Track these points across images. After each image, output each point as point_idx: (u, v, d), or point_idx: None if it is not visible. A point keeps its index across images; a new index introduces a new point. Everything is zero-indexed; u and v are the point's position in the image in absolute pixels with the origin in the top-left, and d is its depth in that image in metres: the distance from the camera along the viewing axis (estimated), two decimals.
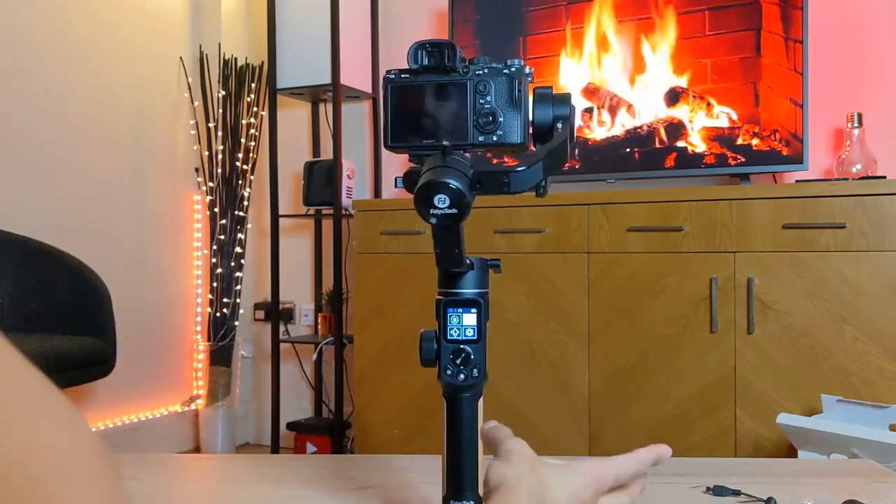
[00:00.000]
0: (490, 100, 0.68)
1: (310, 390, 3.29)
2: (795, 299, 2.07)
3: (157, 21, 3.16)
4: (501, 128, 0.67)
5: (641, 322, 2.23)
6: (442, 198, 0.61)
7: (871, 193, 2.01)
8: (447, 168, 0.63)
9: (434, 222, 0.62)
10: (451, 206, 0.61)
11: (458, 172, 0.62)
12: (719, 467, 1.07)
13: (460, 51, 0.69)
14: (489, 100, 0.68)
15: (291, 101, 3.21)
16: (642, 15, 2.49)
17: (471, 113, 0.68)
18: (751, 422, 2.10)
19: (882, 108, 2.44)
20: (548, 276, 2.34)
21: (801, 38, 2.26)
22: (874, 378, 1.99)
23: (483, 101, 0.68)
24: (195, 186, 3.32)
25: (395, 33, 3.14)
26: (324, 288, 3.21)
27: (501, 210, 2.40)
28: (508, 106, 0.68)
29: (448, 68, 0.68)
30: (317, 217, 3.14)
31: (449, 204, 0.61)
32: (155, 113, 3.15)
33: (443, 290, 0.73)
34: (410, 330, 2.49)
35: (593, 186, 2.54)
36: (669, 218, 2.21)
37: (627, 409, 2.24)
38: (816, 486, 0.93)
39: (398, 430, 2.54)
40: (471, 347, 0.71)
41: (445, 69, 0.68)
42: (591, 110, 2.57)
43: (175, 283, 3.23)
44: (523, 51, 2.66)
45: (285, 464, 1.08)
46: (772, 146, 2.32)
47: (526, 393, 2.35)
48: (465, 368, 0.71)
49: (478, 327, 0.71)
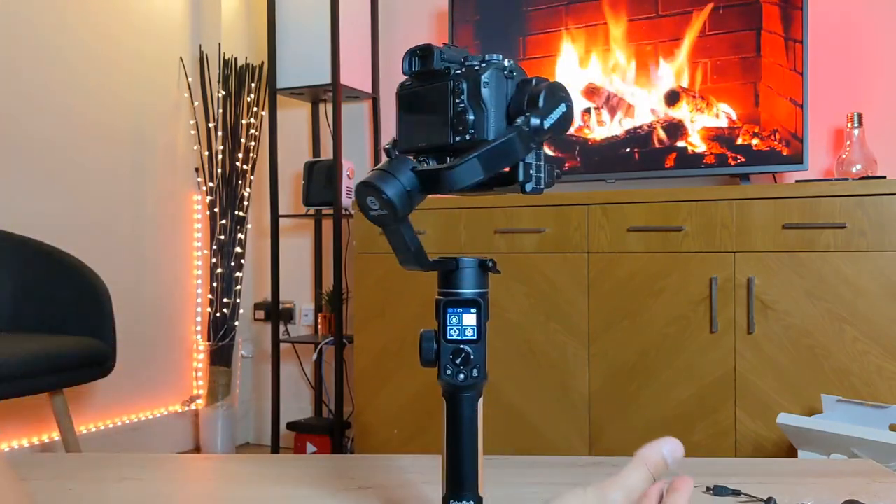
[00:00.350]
0: (464, 98, 0.68)
1: (310, 390, 3.29)
2: (795, 299, 2.07)
3: (157, 21, 3.16)
4: (473, 126, 0.67)
5: (641, 322, 2.23)
6: (372, 199, 0.66)
7: (871, 193, 2.01)
8: (382, 171, 0.66)
9: (371, 219, 0.67)
10: (381, 208, 0.66)
11: (391, 176, 0.66)
12: (719, 467, 1.07)
13: (447, 52, 0.69)
14: (463, 98, 0.68)
15: (291, 101, 3.21)
16: (642, 15, 2.49)
17: (449, 113, 0.68)
18: (751, 422, 2.10)
19: (882, 108, 2.44)
20: (548, 276, 2.34)
21: (801, 38, 2.26)
22: (874, 378, 1.99)
23: (458, 101, 0.68)
24: (195, 186, 3.32)
25: (395, 33, 3.14)
26: (324, 288, 3.21)
27: (501, 210, 2.40)
28: (476, 103, 0.68)
29: (432, 72, 0.69)
30: (317, 217, 3.15)
31: (379, 206, 0.66)
32: (155, 113, 3.15)
33: (442, 290, 0.73)
34: (410, 330, 2.49)
35: (593, 186, 2.54)
36: (669, 218, 2.21)
37: (627, 409, 2.24)
38: (816, 486, 0.93)
39: (398, 430, 2.54)
40: (471, 347, 0.71)
41: (432, 73, 0.69)
42: (591, 110, 2.57)
43: (175, 283, 3.24)
44: (523, 51, 2.66)
45: (285, 464, 1.08)
46: (772, 146, 2.32)
47: (526, 393, 2.35)
48: (465, 368, 0.71)
49: (478, 327, 0.71)
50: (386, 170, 0.66)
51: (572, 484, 0.54)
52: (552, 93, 0.68)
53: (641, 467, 0.56)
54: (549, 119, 0.67)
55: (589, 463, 1.06)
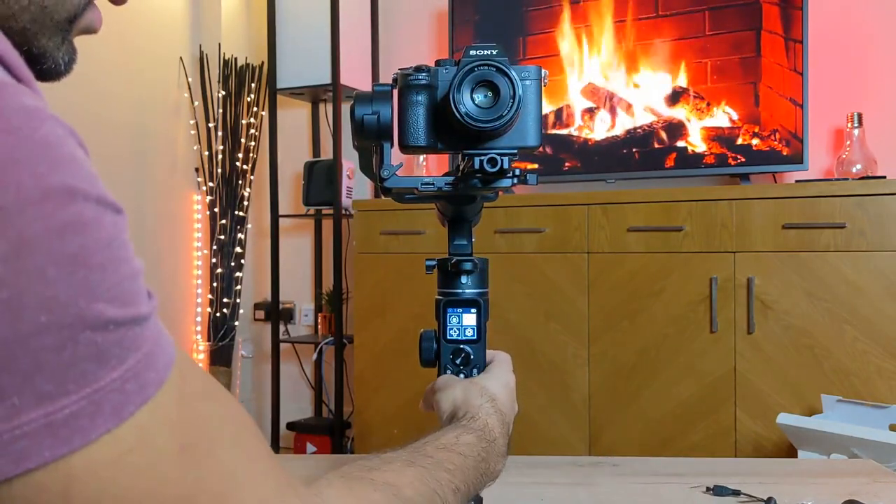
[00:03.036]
0: None
1: (310, 390, 3.29)
2: (795, 299, 2.07)
3: (157, 21, 3.16)
4: None
5: (641, 322, 2.23)
6: None
7: (871, 193, 2.01)
8: None
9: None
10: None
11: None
12: (719, 467, 1.08)
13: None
14: None
15: (291, 101, 3.21)
16: (642, 15, 2.49)
17: None
18: (751, 422, 2.10)
19: (882, 108, 2.43)
20: (548, 276, 2.34)
21: (801, 38, 2.25)
22: (874, 378, 1.99)
23: None
24: (195, 186, 3.32)
25: (395, 33, 3.14)
26: (324, 288, 3.21)
27: (501, 210, 2.40)
28: None
29: None
30: (317, 217, 3.15)
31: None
32: (155, 113, 3.15)
33: (442, 289, 0.73)
34: (410, 330, 2.49)
35: (593, 186, 2.54)
36: (669, 218, 2.21)
37: (627, 409, 2.24)
38: (816, 486, 0.93)
39: (398, 430, 2.54)
40: (471, 347, 0.71)
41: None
42: (592, 110, 2.57)
43: (175, 283, 3.23)
44: (523, 51, 2.66)
45: (285, 464, 1.07)
46: (772, 146, 2.32)
47: (526, 393, 2.35)
48: (465, 368, 0.71)
49: (478, 327, 0.71)
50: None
51: (572, 484, 0.54)
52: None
53: None
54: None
55: (589, 463, 1.06)
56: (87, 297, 0.36)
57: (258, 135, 3.26)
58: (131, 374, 0.37)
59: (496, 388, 0.71)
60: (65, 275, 0.35)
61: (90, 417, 0.36)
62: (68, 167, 0.37)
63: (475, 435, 0.65)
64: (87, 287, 0.36)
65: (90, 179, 0.38)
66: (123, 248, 0.39)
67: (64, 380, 0.35)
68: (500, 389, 0.71)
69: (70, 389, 0.35)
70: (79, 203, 0.36)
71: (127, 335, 0.37)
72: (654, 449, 2.19)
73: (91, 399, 0.36)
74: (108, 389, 0.36)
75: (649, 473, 1.00)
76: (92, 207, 0.37)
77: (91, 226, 0.37)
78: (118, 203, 0.39)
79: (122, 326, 0.37)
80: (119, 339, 0.37)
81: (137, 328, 0.38)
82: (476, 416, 0.67)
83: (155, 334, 0.40)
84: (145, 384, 0.38)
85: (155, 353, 0.39)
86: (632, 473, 1.00)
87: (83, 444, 0.35)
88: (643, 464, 1.08)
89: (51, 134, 0.37)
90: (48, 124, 0.37)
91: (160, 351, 0.40)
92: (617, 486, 0.95)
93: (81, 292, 0.36)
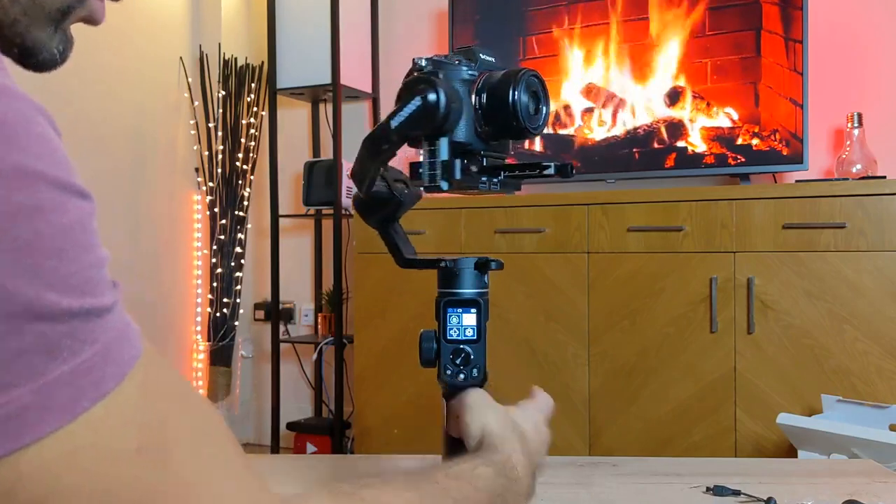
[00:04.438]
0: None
1: (310, 390, 3.29)
2: (795, 299, 2.07)
3: (157, 21, 3.16)
4: None
5: (641, 322, 2.23)
6: None
7: (871, 193, 2.01)
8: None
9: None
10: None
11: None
12: (719, 467, 1.07)
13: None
14: None
15: (291, 101, 3.21)
16: (642, 15, 2.49)
17: None
18: (751, 422, 2.10)
19: (882, 108, 2.44)
20: (548, 276, 2.34)
21: (801, 38, 2.25)
22: (874, 378, 1.99)
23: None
24: (195, 186, 3.32)
25: (395, 33, 3.14)
26: (324, 288, 3.21)
27: (501, 210, 2.40)
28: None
29: None
30: (317, 217, 3.15)
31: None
32: (155, 113, 3.15)
33: (442, 289, 0.73)
34: (410, 330, 2.49)
35: (593, 186, 2.54)
36: (669, 218, 2.21)
37: (627, 409, 2.24)
38: (816, 486, 0.93)
39: (398, 430, 2.54)
40: (470, 347, 0.71)
41: None
42: (592, 110, 2.57)
43: (175, 283, 3.23)
44: (523, 51, 2.66)
45: (285, 464, 1.08)
46: (772, 146, 2.32)
47: (526, 393, 2.34)
48: (465, 368, 0.71)
49: (477, 327, 0.71)
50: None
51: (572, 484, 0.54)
52: (407, 88, 0.67)
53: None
54: (397, 117, 0.67)
55: (589, 462, 1.06)
56: (37, 285, 0.33)
57: (258, 135, 3.26)
58: (86, 367, 0.35)
59: (529, 426, 0.69)
60: (11, 261, 0.33)
61: (39, 412, 0.34)
62: (28, 147, 0.34)
63: (494, 469, 0.61)
64: (37, 275, 0.33)
65: (55, 161, 0.35)
66: (86, 235, 0.37)
67: (9, 372, 0.33)
68: (531, 428, 0.69)
69: (17, 382, 0.33)
70: (36, 186, 0.34)
71: (82, 327, 0.35)
72: (653, 449, 2.19)
73: (40, 393, 0.34)
74: (60, 383, 0.34)
75: (649, 473, 1.00)
76: (51, 191, 0.35)
77: (48, 210, 0.34)
78: (86, 189, 0.37)
79: (77, 317, 0.35)
80: (72, 330, 0.35)
81: (96, 319, 0.36)
82: (501, 450, 0.63)
83: (118, 327, 0.37)
84: (102, 379, 0.36)
85: (116, 347, 0.37)
86: (631, 473, 1.00)
87: (33, 440, 0.34)
88: (643, 464, 1.08)
89: (11, 111, 0.35)
90: (11, 102, 0.35)
91: (123, 345, 0.37)
92: (617, 486, 0.95)
93: (31, 280, 0.33)
